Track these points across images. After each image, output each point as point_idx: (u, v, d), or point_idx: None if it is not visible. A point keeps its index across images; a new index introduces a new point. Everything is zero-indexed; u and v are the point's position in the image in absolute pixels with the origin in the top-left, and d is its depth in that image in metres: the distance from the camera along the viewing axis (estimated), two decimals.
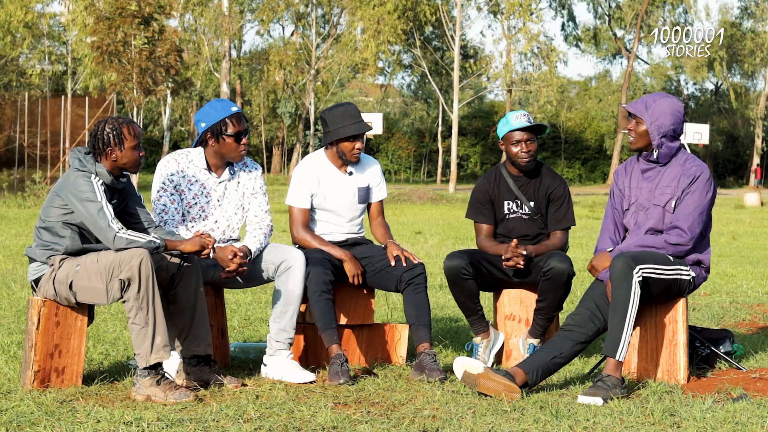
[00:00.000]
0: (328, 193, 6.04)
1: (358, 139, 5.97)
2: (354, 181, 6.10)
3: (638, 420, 4.66)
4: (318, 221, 6.08)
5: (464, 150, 64.36)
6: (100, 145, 5.16)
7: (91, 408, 4.70)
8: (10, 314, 7.59)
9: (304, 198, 6.02)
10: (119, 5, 33.42)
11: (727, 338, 6.11)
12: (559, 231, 6.19)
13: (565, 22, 62.02)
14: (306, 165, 6.09)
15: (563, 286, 5.93)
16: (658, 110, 5.51)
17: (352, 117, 5.94)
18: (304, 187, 6.02)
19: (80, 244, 5.17)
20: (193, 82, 46.39)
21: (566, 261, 5.93)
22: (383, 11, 47.78)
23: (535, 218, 6.18)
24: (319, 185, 6.03)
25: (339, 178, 6.07)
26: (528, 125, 6.07)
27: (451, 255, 6.02)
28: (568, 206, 6.22)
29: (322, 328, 5.65)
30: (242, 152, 5.68)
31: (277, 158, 60.81)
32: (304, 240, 5.99)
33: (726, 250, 15.42)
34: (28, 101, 40.22)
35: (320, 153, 6.12)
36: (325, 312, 5.66)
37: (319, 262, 5.75)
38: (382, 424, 4.51)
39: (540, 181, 6.20)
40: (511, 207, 6.20)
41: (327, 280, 5.70)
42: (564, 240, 6.19)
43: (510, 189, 6.18)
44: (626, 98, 57.42)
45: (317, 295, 5.67)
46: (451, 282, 6.00)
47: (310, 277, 5.68)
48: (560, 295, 5.97)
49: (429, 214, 25.49)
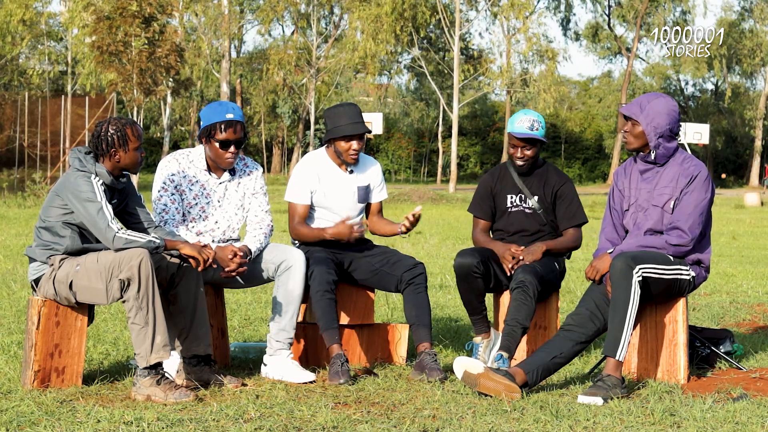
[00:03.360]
0: (328, 190, 6.03)
1: (354, 140, 5.96)
2: (354, 179, 6.10)
3: (638, 420, 4.66)
4: (317, 219, 6.08)
5: (464, 150, 64.39)
6: (103, 147, 5.16)
7: (91, 408, 4.70)
8: (10, 314, 7.60)
9: (303, 194, 6.02)
10: (120, 5, 33.42)
11: (727, 338, 6.11)
12: (572, 228, 6.19)
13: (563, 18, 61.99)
14: (306, 162, 6.09)
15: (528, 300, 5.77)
16: (653, 111, 5.50)
17: (351, 117, 5.94)
18: (304, 184, 6.02)
19: (80, 244, 5.17)
20: (193, 81, 46.41)
21: (531, 273, 5.88)
22: (381, 12, 47.78)
23: (539, 212, 6.17)
24: (319, 182, 6.03)
25: (339, 176, 6.07)
26: (524, 136, 6.05)
27: (462, 252, 6.02)
28: (577, 203, 6.22)
29: (323, 327, 5.64)
30: (228, 160, 5.63)
31: (277, 158, 60.83)
32: (301, 232, 5.99)
33: (726, 250, 15.42)
34: (28, 101, 40.24)
35: (321, 151, 6.13)
36: (327, 311, 5.66)
37: (323, 261, 5.75)
38: (382, 424, 4.51)
39: (546, 178, 6.21)
40: (513, 200, 6.19)
41: (330, 279, 5.70)
42: (577, 237, 6.18)
43: (515, 183, 6.19)
44: (626, 98, 57.42)
45: (320, 294, 5.66)
46: (461, 279, 5.99)
47: (314, 275, 5.68)
48: (524, 309, 5.77)
49: (429, 214, 25.49)
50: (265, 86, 55.07)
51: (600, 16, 62.93)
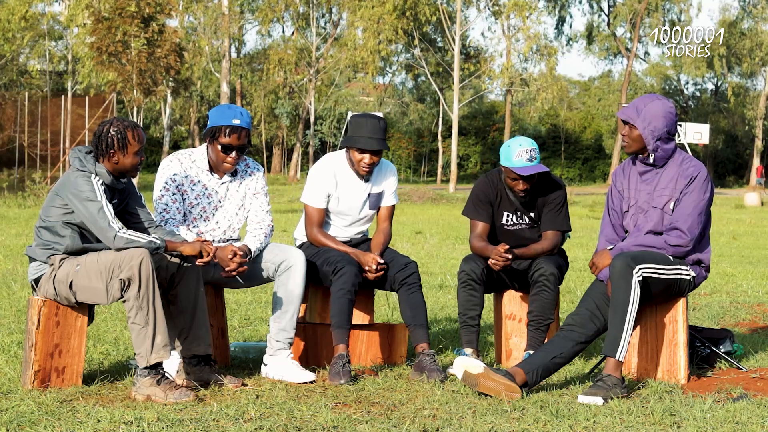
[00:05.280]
0: (342, 196, 6.03)
1: (366, 154, 5.94)
2: (369, 187, 6.09)
3: (638, 420, 4.66)
4: (325, 222, 6.08)
5: (464, 150, 64.39)
6: (103, 147, 5.15)
7: (91, 408, 4.70)
8: (10, 314, 7.60)
9: (321, 198, 6.01)
10: (119, 5, 33.41)
11: (727, 338, 6.11)
12: (551, 232, 6.11)
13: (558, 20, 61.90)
14: (326, 165, 6.06)
15: (549, 289, 5.89)
16: (650, 114, 5.49)
17: (370, 131, 5.89)
18: (322, 188, 6.01)
19: (80, 244, 5.17)
20: (193, 81, 46.40)
21: (552, 263, 5.91)
22: (383, 11, 47.78)
23: (536, 226, 6.16)
24: (336, 188, 6.02)
25: (355, 182, 6.06)
26: (528, 172, 5.88)
27: (467, 258, 6.04)
28: (562, 210, 6.13)
29: (335, 325, 5.64)
30: (227, 165, 5.64)
31: (277, 158, 60.81)
32: (318, 239, 6.00)
33: (726, 250, 15.42)
34: (29, 101, 40.26)
35: (341, 154, 6.12)
36: (344, 311, 5.66)
37: (353, 263, 5.77)
38: (382, 424, 4.51)
39: (542, 191, 6.13)
40: (510, 218, 6.15)
41: (356, 282, 5.72)
42: (555, 242, 6.09)
43: (510, 200, 6.13)
44: (626, 98, 57.41)
45: (342, 293, 5.67)
46: (462, 285, 5.99)
47: (342, 272, 5.69)
48: (548, 299, 5.91)
49: (429, 214, 25.50)
50: (265, 86, 55.06)
51: (597, 14, 62.86)
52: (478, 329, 6.00)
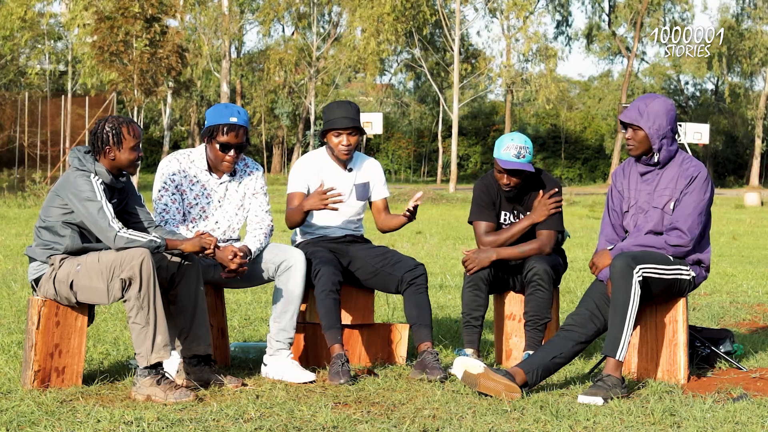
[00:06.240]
0: (326, 187, 6.03)
1: (344, 135, 5.97)
2: (353, 177, 6.11)
3: (638, 420, 4.66)
4: (315, 215, 6.08)
5: (464, 150, 64.35)
6: (99, 144, 5.16)
7: (91, 408, 4.70)
8: (10, 314, 7.60)
9: (300, 186, 6.03)
10: (121, 5, 33.40)
11: (727, 338, 6.11)
12: (544, 231, 6.08)
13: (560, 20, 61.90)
14: (305, 159, 6.13)
15: (544, 288, 5.88)
16: (653, 113, 5.48)
17: (345, 112, 5.96)
18: (302, 178, 6.04)
19: (80, 244, 5.17)
20: (194, 81, 46.39)
21: (546, 261, 5.90)
22: (382, 11, 47.78)
23: (533, 225, 6.16)
24: (317, 178, 6.03)
25: (338, 173, 6.09)
26: (509, 167, 5.96)
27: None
28: (559, 212, 6.12)
29: (326, 327, 5.65)
30: (226, 164, 5.64)
31: (277, 158, 60.81)
32: (287, 216, 5.98)
33: (726, 250, 15.42)
34: (28, 101, 40.24)
35: (321, 150, 6.15)
36: (331, 311, 5.66)
37: (330, 262, 5.76)
38: (382, 424, 4.51)
39: (535, 190, 6.13)
40: (508, 217, 6.17)
41: (336, 280, 5.71)
42: (546, 242, 6.06)
43: (507, 199, 6.14)
44: (626, 98, 57.40)
45: (325, 294, 5.67)
46: (468, 285, 5.99)
47: (320, 274, 5.68)
48: (543, 298, 5.91)
49: (429, 214, 25.49)
50: (265, 86, 55.06)
51: (597, 14, 62.84)
52: (480, 330, 6.01)
